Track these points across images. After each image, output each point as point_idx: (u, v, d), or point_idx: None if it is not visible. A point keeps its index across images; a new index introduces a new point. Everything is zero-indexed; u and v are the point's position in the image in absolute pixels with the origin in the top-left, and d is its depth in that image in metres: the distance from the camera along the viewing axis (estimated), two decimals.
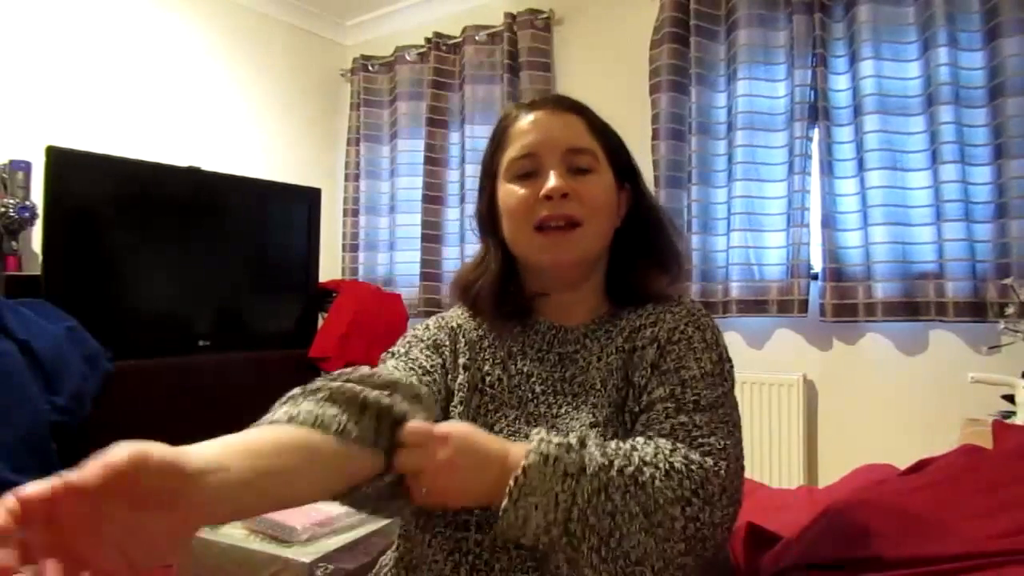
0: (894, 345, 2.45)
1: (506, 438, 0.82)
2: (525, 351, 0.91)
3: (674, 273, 0.95)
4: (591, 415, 0.83)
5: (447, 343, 0.93)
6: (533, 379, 0.89)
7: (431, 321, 0.98)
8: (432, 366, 0.89)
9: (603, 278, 0.95)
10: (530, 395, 0.88)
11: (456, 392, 0.89)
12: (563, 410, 0.86)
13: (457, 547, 0.80)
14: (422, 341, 0.93)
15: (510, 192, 0.89)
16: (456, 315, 0.98)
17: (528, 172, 0.89)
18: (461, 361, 0.91)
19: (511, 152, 0.90)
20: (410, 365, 0.89)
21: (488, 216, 0.95)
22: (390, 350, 0.94)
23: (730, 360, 0.88)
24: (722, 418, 0.79)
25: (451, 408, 0.88)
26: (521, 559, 0.78)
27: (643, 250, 0.95)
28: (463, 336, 0.94)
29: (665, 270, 0.95)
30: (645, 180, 0.99)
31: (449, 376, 0.90)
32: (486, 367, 0.91)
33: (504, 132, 0.93)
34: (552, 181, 0.86)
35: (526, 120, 0.91)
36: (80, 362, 2.11)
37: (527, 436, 0.79)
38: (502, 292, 0.93)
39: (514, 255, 0.93)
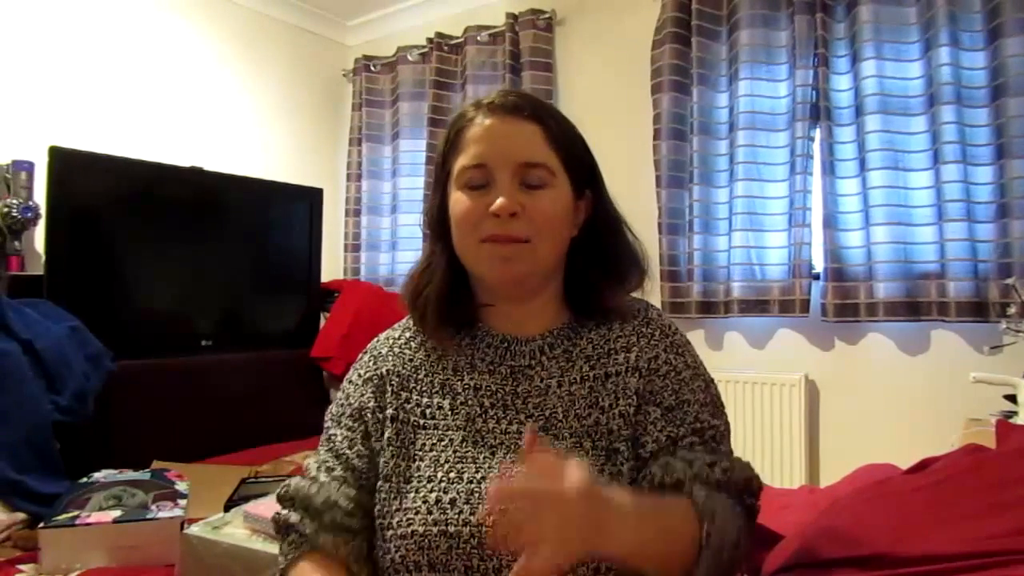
0: (896, 345, 2.45)
1: (453, 465, 0.82)
2: (474, 364, 0.88)
3: (632, 282, 0.92)
4: (550, 444, 0.80)
5: (371, 403, 0.89)
6: (481, 392, 0.86)
7: (363, 368, 0.94)
8: (351, 441, 0.88)
9: (560, 288, 0.92)
10: (478, 410, 0.85)
11: (386, 449, 0.86)
12: (513, 427, 0.83)
13: None
14: (350, 406, 0.91)
15: (459, 201, 0.85)
16: (389, 347, 0.94)
17: (479, 183, 0.84)
18: (388, 413, 0.88)
19: (463, 159, 0.85)
20: (333, 454, 0.89)
21: (438, 220, 0.90)
22: (331, 412, 0.93)
23: (713, 381, 0.89)
24: (728, 449, 0.85)
25: (382, 464, 0.85)
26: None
27: (600, 259, 0.90)
28: (391, 383, 0.90)
29: (622, 279, 0.91)
30: (607, 187, 0.94)
31: (372, 438, 0.88)
32: (424, 399, 0.87)
33: (458, 134, 0.87)
34: (500, 200, 0.81)
35: (480, 125, 0.85)
36: (83, 362, 2.12)
37: (475, 459, 0.82)
38: (449, 302, 0.90)
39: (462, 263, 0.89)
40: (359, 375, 0.93)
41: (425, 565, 0.77)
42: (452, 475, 0.81)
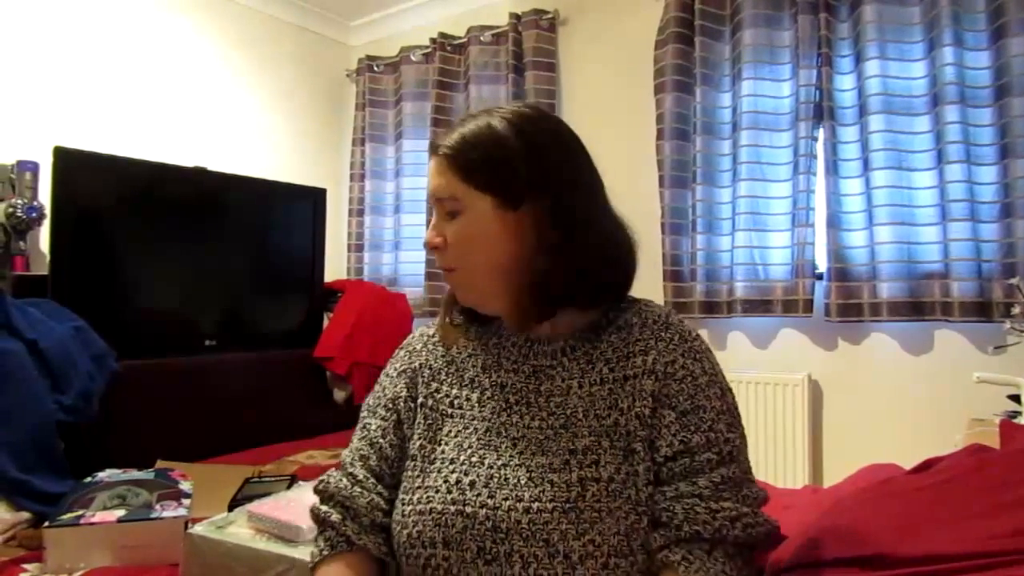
0: (899, 345, 2.44)
1: (476, 451, 0.86)
2: (500, 362, 0.93)
3: (600, 279, 0.89)
4: (570, 443, 0.83)
5: (403, 393, 0.97)
6: (507, 389, 0.90)
7: (398, 362, 1.01)
8: (384, 430, 0.95)
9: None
10: (503, 405, 0.89)
11: (415, 432, 0.92)
12: (535, 422, 0.86)
13: None
14: (384, 397, 0.98)
15: None
16: (423, 343, 1.01)
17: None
18: (419, 401, 0.95)
19: None
20: (368, 443, 0.96)
21: None
22: (367, 403, 1.01)
23: (730, 390, 0.89)
24: (746, 466, 0.85)
25: (410, 445, 0.92)
26: None
27: (558, 261, 0.87)
28: (422, 375, 0.97)
29: (585, 278, 0.88)
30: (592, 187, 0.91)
31: (404, 426, 0.95)
32: (453, 391, 0.93)
33: None
34: (425, 235, 0.92)
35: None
36: (87, 361, 2.12)
37: (496, 448, 0.86)
38: (458, 305, 0.97)
39: None
40: (395, 368, 1.01)
41: (440, 542, 0.81)
42: (474, 459, 0.86)
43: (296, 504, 1.26)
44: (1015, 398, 1.82)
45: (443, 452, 0.88)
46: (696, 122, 2.74)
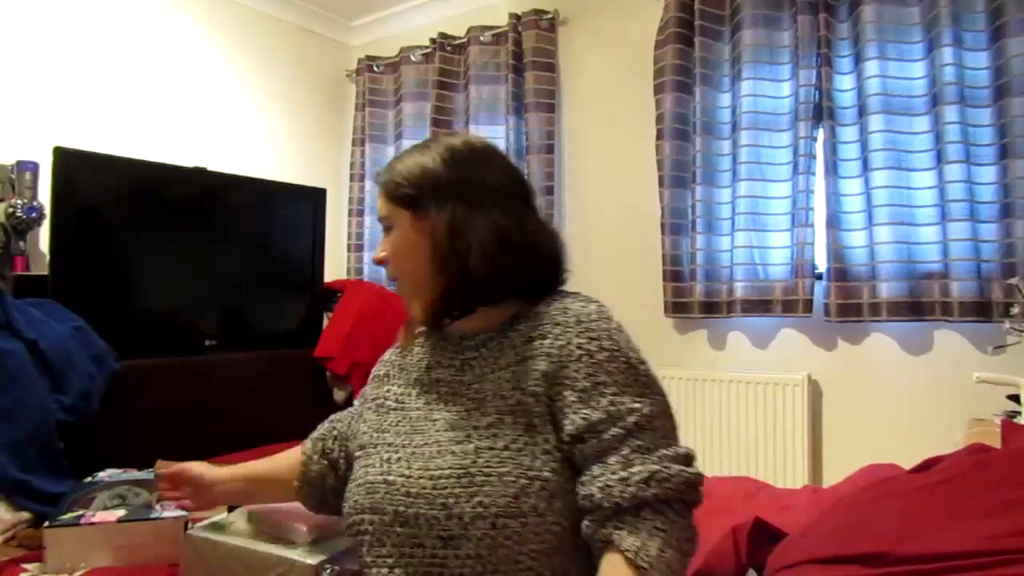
0: (899, 345, 2.45)
1: (408, 435, 0.98)
2: (440, 361, 1.04)
3: (491, 287, 0.98)
4: (476, 420, 0.92)
5: (367, 393, 1.15)
6: (441, 383, 1.01)
7: (374, 369, 1.18)
8: (351, 415, 1.18)
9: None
10: (435, 397, 1.00)
11: (367, 426, 1.07)
12: (455, 407, 0.96)
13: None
14: (361, 395, 1.18)
15: None
16: (390, 354, 1.16)
17: None
18: (375, 402, 1.09)
19: None
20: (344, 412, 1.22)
21: None
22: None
23: (643, 361, 0.92)
24: (660, 433, 0.88)
25: (362, 435, 1.07)
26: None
27: (449, 270, 0.98)
28: (384, 381, 1.12)
29: (474, 277, 0.97)
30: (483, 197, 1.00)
31: (361, 416, 1.12)
32: (400, 390, 1.07)
33: None
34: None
35: None
36: (87, 361, 2.12)
37: (423, 431, 0.97)
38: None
39: None
40: (371, 374, 1.18)
41: (368, 508, 0.94)
42: (405, 441, 0.98)
43: (296, 505, 1.26)
44: (1015, 398, 1.82)
45: (384, 438, 1.01)
46: (696, 122, 2.74)
